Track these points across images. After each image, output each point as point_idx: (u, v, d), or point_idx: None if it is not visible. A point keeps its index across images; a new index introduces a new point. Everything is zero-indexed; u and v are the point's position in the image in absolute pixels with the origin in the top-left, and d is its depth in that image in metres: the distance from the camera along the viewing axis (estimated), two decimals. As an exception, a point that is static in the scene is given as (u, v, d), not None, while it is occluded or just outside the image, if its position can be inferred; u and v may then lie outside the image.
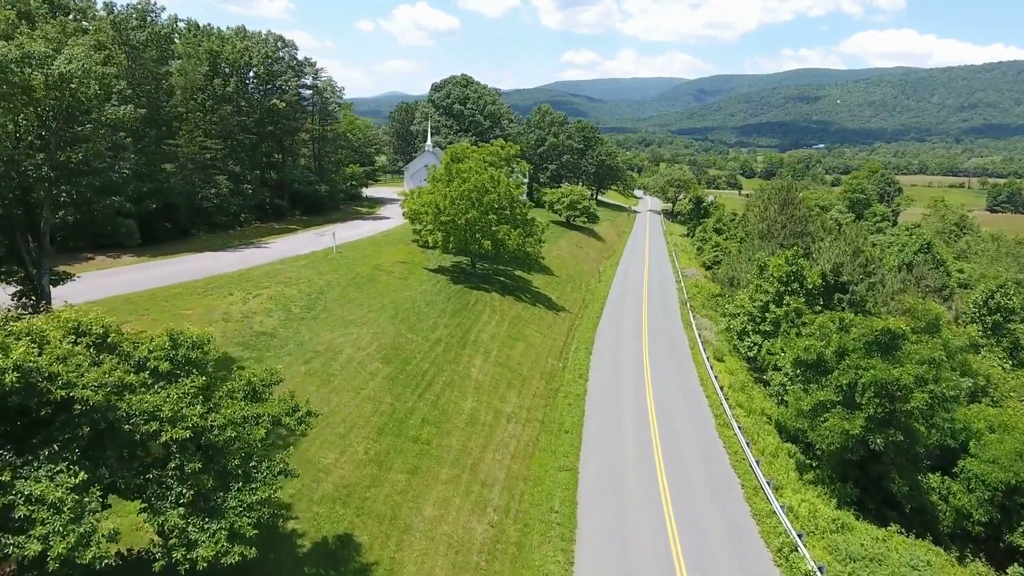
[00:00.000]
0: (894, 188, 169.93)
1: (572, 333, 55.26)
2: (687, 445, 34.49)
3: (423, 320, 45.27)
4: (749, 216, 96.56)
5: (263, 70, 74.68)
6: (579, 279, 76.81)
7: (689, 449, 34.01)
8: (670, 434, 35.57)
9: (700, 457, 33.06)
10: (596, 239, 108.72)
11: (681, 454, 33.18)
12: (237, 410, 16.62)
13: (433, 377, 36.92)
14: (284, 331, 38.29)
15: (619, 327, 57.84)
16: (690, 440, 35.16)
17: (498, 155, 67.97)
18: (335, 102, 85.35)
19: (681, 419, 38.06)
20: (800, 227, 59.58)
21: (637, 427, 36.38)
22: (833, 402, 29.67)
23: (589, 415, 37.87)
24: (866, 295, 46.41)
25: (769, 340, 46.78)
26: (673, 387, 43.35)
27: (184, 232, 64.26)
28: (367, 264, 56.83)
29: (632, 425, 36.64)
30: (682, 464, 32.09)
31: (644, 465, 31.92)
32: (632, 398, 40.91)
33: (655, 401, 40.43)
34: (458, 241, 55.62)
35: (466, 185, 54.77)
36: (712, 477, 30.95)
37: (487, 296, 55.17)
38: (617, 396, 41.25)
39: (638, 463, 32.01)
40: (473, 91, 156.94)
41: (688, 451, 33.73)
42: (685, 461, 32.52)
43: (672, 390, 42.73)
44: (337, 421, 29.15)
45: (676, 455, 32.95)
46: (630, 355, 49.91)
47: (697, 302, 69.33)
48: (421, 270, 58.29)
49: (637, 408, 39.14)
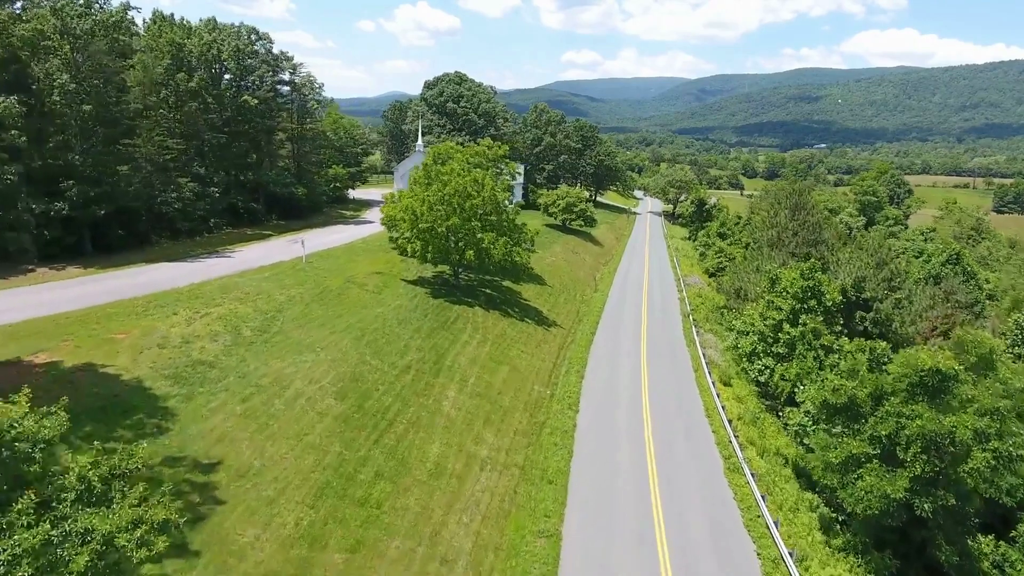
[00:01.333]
0: (904, 189, 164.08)
1: (563, 352, 50.09)
2: (692, 499, 29.31)
3: (393, 342, 40.10)
4: (755, 220, 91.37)
5: (234, 64, 69.48)
6: (574, 288, 71.64)
7: (694, 505, 28.83)
8: (672, 483, 30.42)
9: (707, 518, 27.86)
10: (593, 243, 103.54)
11: (685, 513, 28.00)
12: (31, 537, 11.36)
13: (396, 415, 31.74)
14: (227, 359, 33.16)
15: (615, 344, 52.68)
16: (695, 492, 29.98)
17: (485, 155, 62.79)
18: (314, 99, 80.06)
19: (685, 462, 32.89)
20: (814, 235, 54.48)
21: (633, 473, 31.23)
22: (868, 455, 24.52)
23: (578, 457, 32.69)
24: (892, 313, 41.27)
25: (783, 364, 41.66)
26: (675, 419, 38.16)
27: (144, 240, 59.19)
28: (339, 276, 51.69)
29: (627, 471, 31.48)
30: (686, 527, 26.92)
31: (640, 525, 26.78)
32: (627, 434, 35.75)
33: (654, 438, 35.26)
34: (437, 251, 50.46)
35: (447, 189, 49.62)
36: (723, 547, 25.77)
37: (469, 312, 49.99)
38: (611, 431, 36.08)
39: (633, 523, 26.86)
40: (467, 89, 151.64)
41: (693, 508, 28.55)
42: (690, 522, 27.35)
43: (674, 423, 37.55)
44: (267, 481, 24.00)
45: (678, 514, 27.77)
46: (627, 378, 44.76)
47: (700, 314, 64.15)
48: (398, 282, 53.14)
49: (633, 448, 33.97)
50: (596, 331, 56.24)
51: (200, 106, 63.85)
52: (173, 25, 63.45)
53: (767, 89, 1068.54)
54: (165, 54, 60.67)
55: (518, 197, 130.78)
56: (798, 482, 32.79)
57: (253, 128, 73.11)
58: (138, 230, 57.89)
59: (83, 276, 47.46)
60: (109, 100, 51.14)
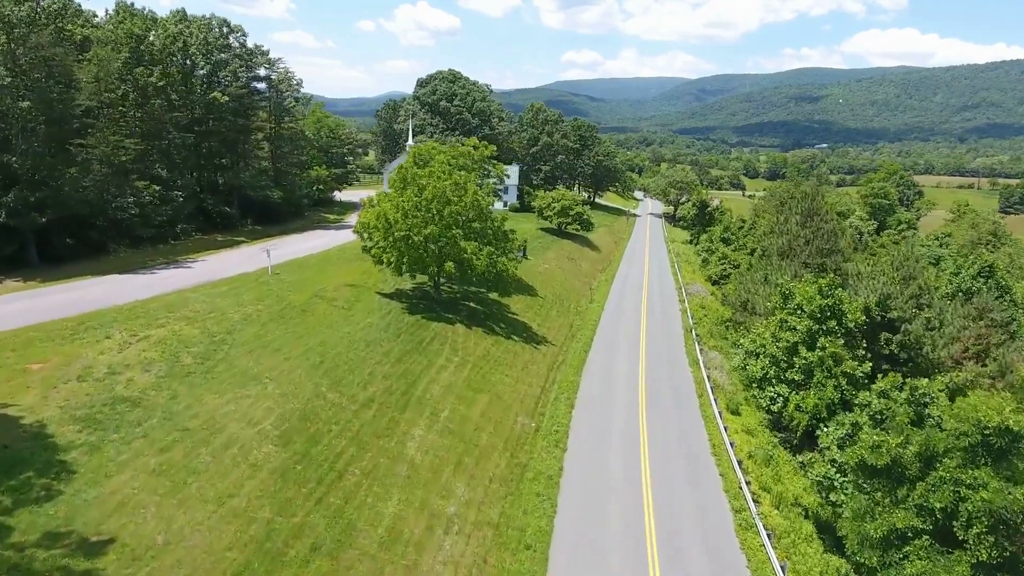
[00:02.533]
0: (913, 191, 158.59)
1: (553, 374, 45.32)
2: (698, 568, 24.54)
3: (356, 369, 35.33)
4: (760, 223, 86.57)
5: (202, 59, 64.71)
6: (568, 299, 66.84)
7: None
8: (673, 545, 25.66)
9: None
10: (590, 248, 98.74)
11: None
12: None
13: (348, 463, 26.97)
14: (155, 395, 28.43)
15: (611, 364, 47.92)
16: (702, 557, 25.20)
17: (470, 156, 58.04)
18: (292, 96, 75.16)
19: (689, 516, 28.10)
20: (828, 243, 49.70)
21: (628, 532, 26.47)
22: (917, 530, 19.76)
23: (563, 511, 27.91)
24: (923, 336, 36.50)
25: (798, 393, 36.87)
26: (677, 460, 33.38)
27: (101, 249, 54.48)
28: (306, 289, 46.94)
29: (621, 529, 26.72)
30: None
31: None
32: (623, 479, 30.99)
33: (654, 485, 30.50)
34: (414, 261, 45.71)
35: (424, 194, 44.87)
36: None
37: (449, 330, 45.20)
38: (603, 475, 31.32)
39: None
40: (461, 87, 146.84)
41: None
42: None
43: (676, 466, 32.75)
44: (167, 566, 19.21)
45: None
46: (623, 406, 39.99)
47: (704, 328, 59.36)
48: (372, 296, 48.37)
49: (629, 498, 29.20)
50: (590, 348, 51.45)
51: (164, 103, 59.05)
52: (134, 16, 58.65)
53: (768, 89, 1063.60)
54: (124, 47, 55.85)
55: (513, 199, 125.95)
56: (821, 540, 28.01)
57: (226, 127, 68.35)
58: (91, 239, 53.17)
59: (20, 291, 42.77)
60: (53, 96, 46.37)
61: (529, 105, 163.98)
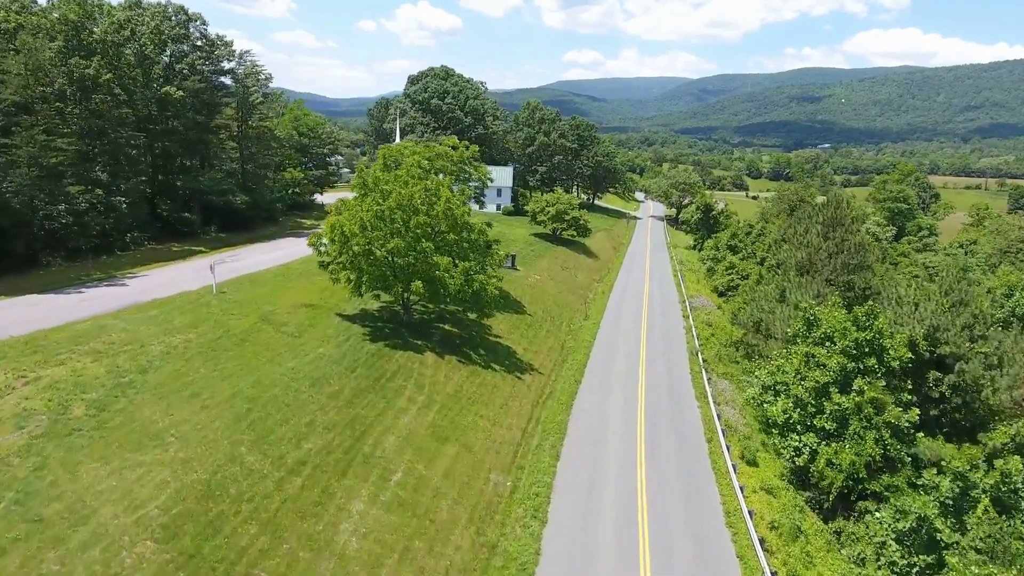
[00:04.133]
0: (930, 194, 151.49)
1: (538, 412, 38.96)
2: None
3: (292, 419, 28.97)
4: (770, 229, 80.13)
5: (154, 50, 58.37)
6: (560, 316, 60.44)
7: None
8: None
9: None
10: (587, 255, 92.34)
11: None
12: None
13: (252, 564, 20.57)
14: (17, 465, 22.13)
15: (606, 397, 41.58)
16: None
17: (449, 157, 51.74)
18: (260, 92, 68.70)
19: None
20: (856, 258, 43.21)
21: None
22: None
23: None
24: (981, 377, 30.15)
25: (830, 444, 30.47)
26: (684, 536, 26.96)
27: (31, 261, 48.33)
28: (253, 310, 40.63)
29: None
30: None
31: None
32: (614, 564, 24.61)
33: (654, 573, 24.15)
34: (375, 280, 39.34)
35: (387, 203, 38.51)
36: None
37: (416, 361, 38.82)
38: (590, 560, 24.94)
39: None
40: (453, 84, 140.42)
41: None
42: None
43: (683, 545, 26.34)
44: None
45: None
46: (618, 456, 33.64)
47: (711, 350, 52.98)
48: (331, 319, 42.02)
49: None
50: (583, 378, 45.10)
51: (108, 99, 52.69)
52: (73, 1, 52.30)
53: (769, 89, 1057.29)
54: (57, 34, 49.56)
55: (507, 201, 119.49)
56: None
57: (184, 125, 62.02)
58: (16, 251, 46.94)
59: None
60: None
61: (525, 103, 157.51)
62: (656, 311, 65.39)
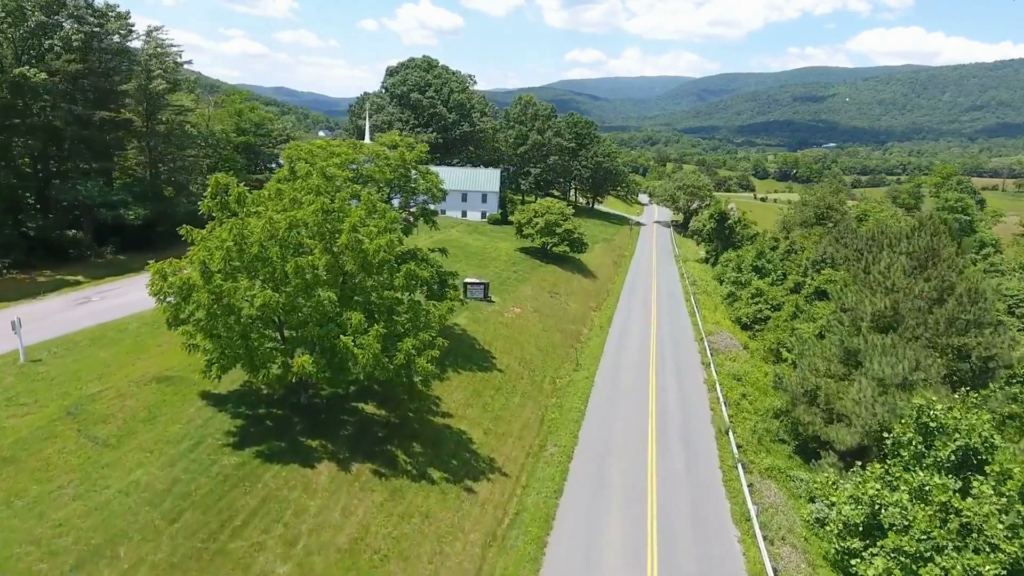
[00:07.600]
0: (975, 200, 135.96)
1: (492, 562, 24.76)
2: None
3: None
4: (807, 246, 65.80)
5: (6, 19, 44.17)
6: (543, 367, 46.22)
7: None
8: None
9: None
10: (583, 274, 78.09)
11: None
12: None
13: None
14: None
15: (598, 522, 27.45)
16: None
17: (385, 159, 37.63)
18: (165, 78, 54.20)
19: None
20: (970, 311, 28.87)
21: None
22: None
23: None
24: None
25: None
26: None
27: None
28: (64, 394, 26.54)
29: None
30: None
31: None
32: None
33: None
34: (238, 352, 25.07)
35: (254, 236, 24.29)
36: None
37: (300, 480, 24.61)
38: None
39: None
40: (435, 76, 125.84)
41: None
42: None
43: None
44: None
45: None
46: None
47: (744, 424, 38.80)
48: (188, 404, 27.86)
49: None
50: (567, 480, 30.98)
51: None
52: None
53: (772, 88, 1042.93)
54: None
55: (493, 209, 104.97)
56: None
57: (55, 117, 47.86)
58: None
59: None
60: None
61: (516, 98, 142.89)
62: (667, 356, 51.12)
